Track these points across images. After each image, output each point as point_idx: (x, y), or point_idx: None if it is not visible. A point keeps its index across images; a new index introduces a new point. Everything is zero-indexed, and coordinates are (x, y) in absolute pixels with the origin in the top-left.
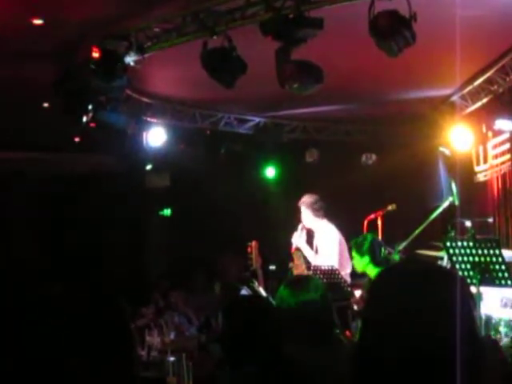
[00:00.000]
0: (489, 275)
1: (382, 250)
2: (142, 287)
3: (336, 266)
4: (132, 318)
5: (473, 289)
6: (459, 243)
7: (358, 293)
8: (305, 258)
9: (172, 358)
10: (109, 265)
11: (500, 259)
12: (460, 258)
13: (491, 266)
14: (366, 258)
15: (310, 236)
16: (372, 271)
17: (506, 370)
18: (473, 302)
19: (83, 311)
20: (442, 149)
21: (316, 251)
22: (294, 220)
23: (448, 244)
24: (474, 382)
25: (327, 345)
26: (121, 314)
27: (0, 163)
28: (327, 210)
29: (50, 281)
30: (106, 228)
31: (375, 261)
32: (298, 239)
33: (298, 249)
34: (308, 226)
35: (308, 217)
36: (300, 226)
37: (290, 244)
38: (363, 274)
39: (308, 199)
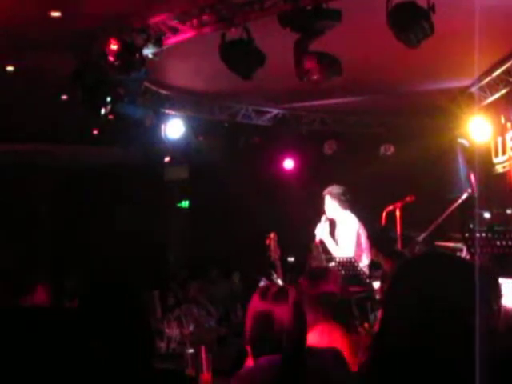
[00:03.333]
0: (508, 267)
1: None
2: (160, 278)
3: (354, 256)
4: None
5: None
6: (478, 235)
7: (376, 284)
8: (324, 249)
9: (191, 350)
10: (127, 256)
11: None
12: (479, 250)
13: (510, 258)
14: (377, 250)
15: (332, 227)
16: (385, 263)
17: None
18: (499, 291)
19: (103, 300)
20: (460, 140)
21: (336, 243)
22: (313, 211)
23: (467, 235)
24: (493, 374)
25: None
26: (139, 305)
27: (18, 155)
28: (352, 202)
29: (69, 270)
30: (125, 220)
31: (387, 252)
32: (322, 231)
33: (321, 241)
34: (331, 216)
35: (333, 206)
36: (323, 218)
37: (308, 236)
38: (380, 265)
39: (336, 189)
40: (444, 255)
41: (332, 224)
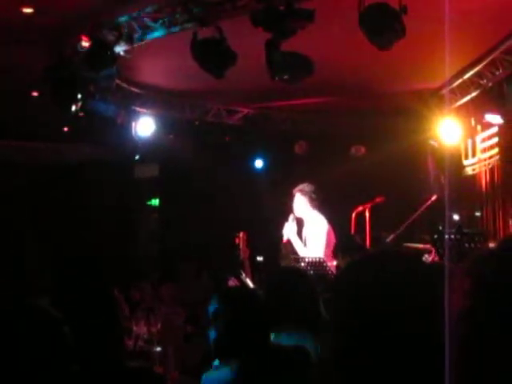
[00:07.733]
0: None
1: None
2: (129, 276)
3: (323, 257)
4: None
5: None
6: (447, 236)
7: None
8: (293, 249)
9: (159, 349)
10: (97, 254)
11: None
12: (447, 252)
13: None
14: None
15: (299, 227)
16: None
17: None
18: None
19: (74, 297)
20: (430, 142)
21: (304, 242)
22: (282, 211)
23: (436, 237)
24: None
25: (314, 334)
26: (110, 302)
27: None
28: (321, 202)
29: (41, 269)
30: (95, 218)
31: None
32: (289, 231)
33: (288, 241)
34: (299, 214)
35: (302, 205)
36: (291, 217)
37: (278, 235)
38: None
39: (307, 187)
40: (383, 254)
41: (299, 223)
